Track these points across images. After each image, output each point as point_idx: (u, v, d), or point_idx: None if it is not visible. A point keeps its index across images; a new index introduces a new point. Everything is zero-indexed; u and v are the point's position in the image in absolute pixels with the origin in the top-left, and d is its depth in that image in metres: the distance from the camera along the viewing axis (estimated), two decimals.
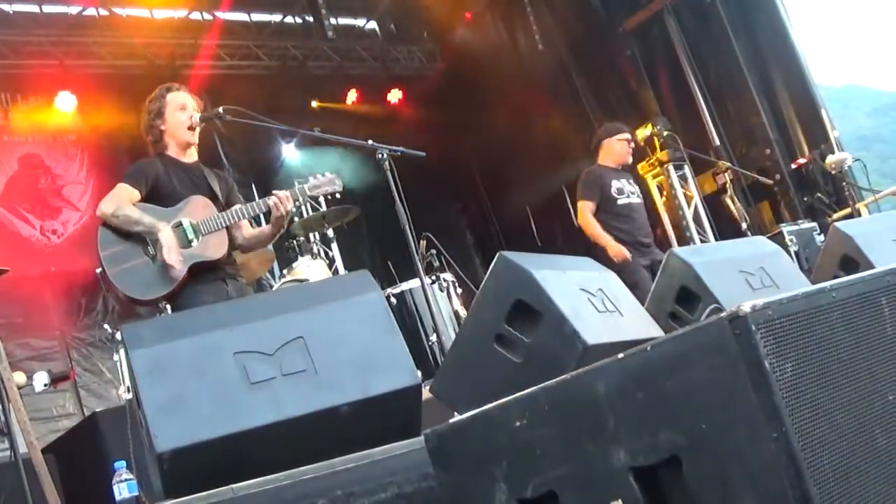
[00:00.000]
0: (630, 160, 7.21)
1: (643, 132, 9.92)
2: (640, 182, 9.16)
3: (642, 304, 3.38)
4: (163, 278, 4.20)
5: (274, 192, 4.44)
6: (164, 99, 4.52)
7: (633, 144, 7.21)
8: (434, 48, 12.73)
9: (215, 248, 4.37)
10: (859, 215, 8.08)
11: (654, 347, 1.65)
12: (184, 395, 2.53)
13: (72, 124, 9.63)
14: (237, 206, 4.49)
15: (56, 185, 9.47)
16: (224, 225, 4.39)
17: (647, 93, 10.98)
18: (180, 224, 4.30)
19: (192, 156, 4.58)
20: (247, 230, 4.63)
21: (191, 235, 4.30)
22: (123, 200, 4.26)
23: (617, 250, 6.65)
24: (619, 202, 6.87)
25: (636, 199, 6.98)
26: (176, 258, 4.18)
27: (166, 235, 4.20)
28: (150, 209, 4.30)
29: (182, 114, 4.49)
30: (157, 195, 4.35)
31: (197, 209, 4.39)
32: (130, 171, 4.40)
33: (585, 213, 6.90)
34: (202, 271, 4.30)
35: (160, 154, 4.52)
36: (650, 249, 6.85)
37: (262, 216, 4.67)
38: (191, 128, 4.49)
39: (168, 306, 4.52)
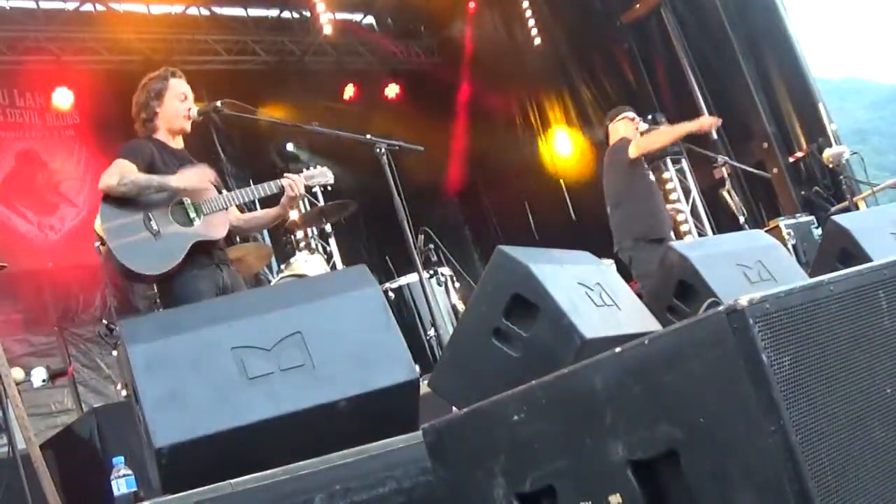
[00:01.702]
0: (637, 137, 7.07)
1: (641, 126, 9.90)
2: None
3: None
4: (165, 255, 4.19)
5: (286, 174, 4.45)
6: (167, 82, 4.49)
7: (637, 122, 7.06)
8: (431, 43, 12.74)
9: (217, 228, 4.36)
10: (857, 209, 8.07)
11: (651, 341, 1.65)
12: (182, 390, 2.52)
13: (69, 120, 9.63)
14: (237, 190, 4.49)
15: (53, 180, 9.46)
16: (226, 206, 4.40)
17: (645, 86, 10.98)
18: (182, 202, 4.29)
19: (179, 143, 4.57)
20: (239, 214, 4.63)
21: (192, 214, 4.29)
22: (126, 171, 4.24)
23: (698, 123, 6.68)
24: (650, 177, 6.83)
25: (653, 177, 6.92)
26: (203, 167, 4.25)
27: (177, 177, 4.23)
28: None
29: (181, 104, 4.48)
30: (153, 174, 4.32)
31: (196, 189, 4.39)
32: (127, 148, 4.37)
33: (640, 141, 6.68)
34: (199, 255, 4.28)
35: (149, 137, 4.49)
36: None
37: (257, 202, 4.68)
38: (187, 118, 4.49)
39: (157, 293, 4.51)
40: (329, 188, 4.76)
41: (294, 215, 7.39)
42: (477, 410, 2.01)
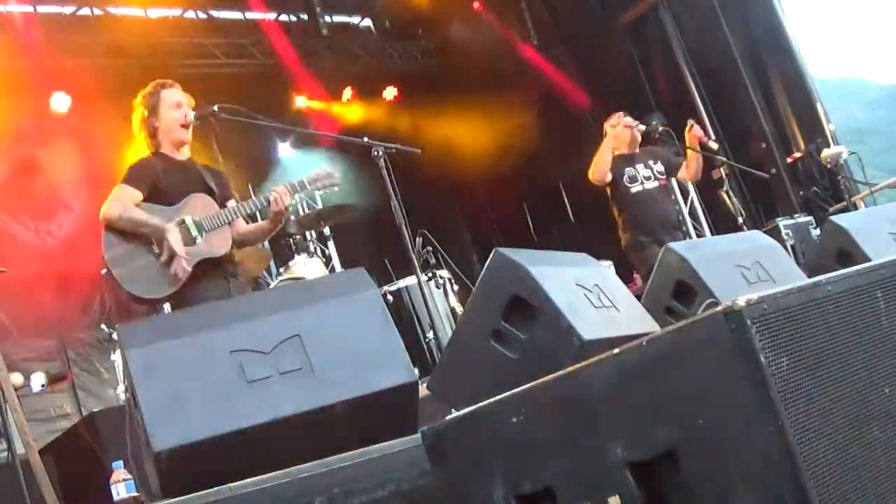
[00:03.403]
0: (634, 138, 6.86)
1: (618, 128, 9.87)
2: None
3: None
4: (169, 277, 4.21)
5: (273, 188, 4.46)
6: (159, 95, 4.50)
7: (628, 121, 6.94)
8: (429, 45, 12.72)
9: (219, 244, 4.40)
10: (855, 209, 8.08)
11: (649, 342, 1.65)
12: (181, 394, 2.52)
13: (67, 124, 9.61)
14: (237, 203, 4.53)
15: (51, 185, 9.44)
16: (227, 221, 4.43)
17: (642, 87, 10.98)
18: (184, 222, 4.31)
19: (185, 153, 4.58)
20: (241, 226, 4.63)
21: (195, 233, 4.31)
22: (127, 203, 4.27)
23: (618, 128, 6.74)
24: (633, 190, 6.73)
25: (652, 184, 6.76)
26: (184, 262, 4.20)
27: (174, 238, 4.21)
28: (154, 209, 4.31)
29: (177, 112, 4.49)
30: (157, 194, 4.35)
31: (198, 206, 4.41)
32: (130, 173, 4.40)
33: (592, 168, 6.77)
34: (207, 269, 4.32)
35: (155, 153, 4.51)
36: (668, 238, 6.42)
37: (258, 212, 4.69)
38: (184, 126, 4.50)
39: (168, 306, 4.52)
40: (336, 188, 4.74)
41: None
42: (476, 412, 2.01)
